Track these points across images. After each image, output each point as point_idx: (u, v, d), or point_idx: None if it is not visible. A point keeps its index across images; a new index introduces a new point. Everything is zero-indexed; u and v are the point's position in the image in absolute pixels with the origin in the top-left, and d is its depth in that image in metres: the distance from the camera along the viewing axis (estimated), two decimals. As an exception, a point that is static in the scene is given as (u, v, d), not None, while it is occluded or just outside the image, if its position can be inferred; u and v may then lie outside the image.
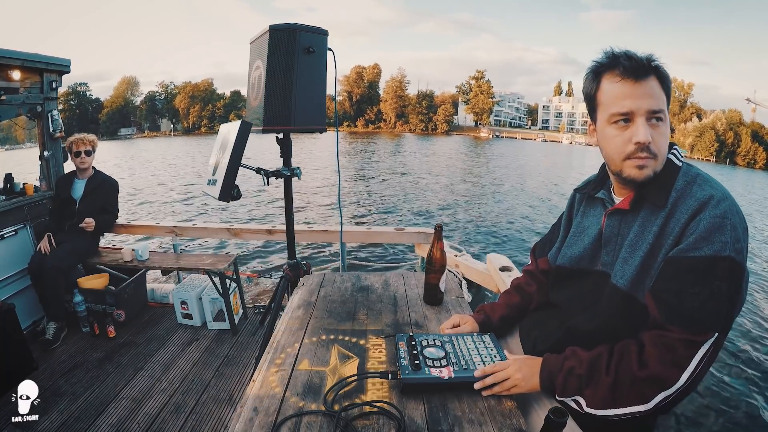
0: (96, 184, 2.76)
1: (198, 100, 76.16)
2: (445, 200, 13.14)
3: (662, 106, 0.81)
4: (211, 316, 2.70)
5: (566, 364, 0.84)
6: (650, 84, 0.80)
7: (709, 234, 0.73)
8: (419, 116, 75.09)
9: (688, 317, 0.73)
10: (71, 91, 68.87)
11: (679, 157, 0.86)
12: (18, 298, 2.55)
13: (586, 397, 0.80)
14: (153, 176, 18.92)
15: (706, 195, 0.76)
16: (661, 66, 0.81)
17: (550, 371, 0.86)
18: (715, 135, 51.61)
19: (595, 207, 1.00)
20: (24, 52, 2.58)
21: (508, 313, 1.16)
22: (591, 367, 0.81)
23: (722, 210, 0.74)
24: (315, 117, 1.65)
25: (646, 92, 0.80)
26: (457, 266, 2.20)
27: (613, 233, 0.91)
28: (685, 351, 0.73)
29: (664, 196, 0.81)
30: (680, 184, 0.81)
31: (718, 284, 0.72)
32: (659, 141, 0.81)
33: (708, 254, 0.73)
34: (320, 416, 0.81)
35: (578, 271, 0.98)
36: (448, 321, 1.15)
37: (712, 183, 0.80)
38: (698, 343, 0.73)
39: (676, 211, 0.79)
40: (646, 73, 0.80)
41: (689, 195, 0.79)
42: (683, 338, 0.73)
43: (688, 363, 0.73)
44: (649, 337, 0.77)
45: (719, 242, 0.72)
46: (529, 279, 1.20)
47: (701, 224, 0.74)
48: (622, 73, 0.81)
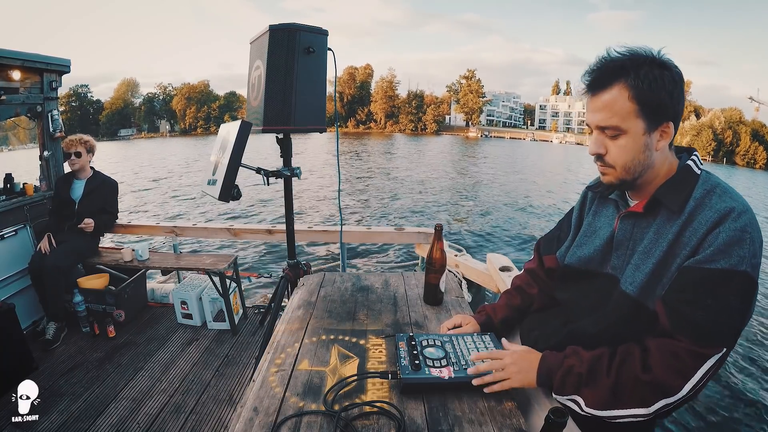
0: (95, 185, 2.76)
1: (194, 101, 76.54)
2: (439, 200, 13.19)
3: (615, 122, 0.78)
4: (211, 316, 2.70)
5: (566, 361, 0.84)
6: (606, 97, 0.79)
7: (728, 247, 0.72)
8: (409, 116, 75.24)
9: (698, 329, 0.72)
10: (72, 92, 69.17)
11: (698, 165, 0.84)
12: (18, 298, 2.55)
13: (585, 396, 0.80)
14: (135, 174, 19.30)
15: (727, 207, 0.74)
16: (643, 72, 0.76)
17: (549, 367, 0.85)
18: (712, 134, 51.36)
19: (607, 207, 0.98)
20: (24, 52, 2.58)
21: (510, 314, 1.15)
22: (592, 367, 0.80)
23: (743, 224, 0.73)
24: (315, 117, 1.65)
25: (597, 107, 0.81)
26: (457, 266, 2.20)
27: (625, 237, 0.89)
28: (692, 362, 0.72)
29: (682, 203, 0.79)
30: (699, 192, 0.79)
31: (731, 299, 0.71)
32: (615, 153, 0.82)
33: (724, 267, 0.71)
34: (320, 416, 0.81)
35: (586, 272, 0.96)
36: (450, 321, 1.15)
37: (732, 194, 0.78)
38: (705, 356, 0.72)
39: (693, 220, 0.77)
40: (603, 86, 0.79)
41: (708, 206, 0.76)
42: (691, 349, 0.72)
43: (693, 374, 0.72)
44: (655, 343, 0.76)
45: (737, 256, 0.71)
46: (531, 280, 1.17)
47: (720, 237, 0.72)
48: (585, 86, 0.83)
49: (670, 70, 0.77)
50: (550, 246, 1.14)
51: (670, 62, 0.78)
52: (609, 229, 0.93)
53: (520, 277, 1.22)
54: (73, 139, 2.66)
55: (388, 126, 76.91)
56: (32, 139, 3.07)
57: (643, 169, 0.82)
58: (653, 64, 0.77)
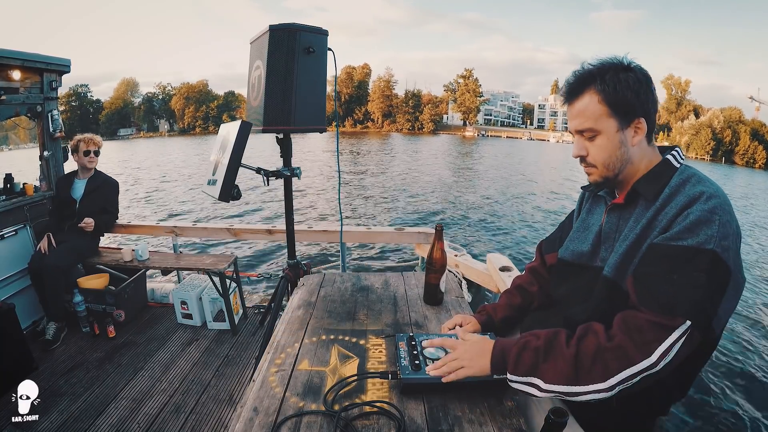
0: (96, 185, 2.76)
1: (193, 101, 76.61)
2: (439, 199, 13.20)
3: (589, 125, 0.87)
4: (211, 316, 2.70)
5: (521, 339, 0.83)
6: (580, 103, 0.87)
7: (695, 226, 0.74)
8: (406, 116, 75.27)
9: (660, 301, 0.74)
10: (72, 92, 69.17)
11: (678, 159, 0.89)
12: (18, 298, 2.55)
13: (543, 373, 0.78)
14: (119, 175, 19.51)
15: (698, 191, 0.78)
16: (608, 76, 0.83)
17: (504, 348, 0.84)
18: (711, 133, 51.30)
19: (599, 204, 1.03)
20: (24, 52, 2.58)
21: (511, 314, 1.16)
22: (549, 341, 0.80)
23: (712, 205, 0.75)
24: (315, 117, 1.65)
25: (573, 114, 0.90)
26: (457, 266, 2.20)
27: (611, 229, 0.93)
28: (654, 333, 0.73)
29: (657, 191, 0.84)
30: (675, 182, 0.83)
31: (696, 275, 0.73)
32: (594, 153, 0.89)
33: (691, 245, 0.74)
34: (320, 416, 0.81)
35: (579, 266, 0.99)
36: (450, 321, 1.15)
37: (705, 182, 0.82)
38: (667, 328, 0.72)
39: (666, 205, 0.81)
40: (576, 94, 0.88)
41: (681, 192, 0.81)
42: (652, 320, 0.73)
43: (655, 347, 0.72)
44: (619, 316, 0.78)
45: (704, 235, 0.73)
46: (532, 278, 1.19)
47: (689, 217, 0.76)
48: (563, 98, 0.92)
49: (633, 71, 0.84)
50: (552, 245, 1.16)
51: (634, 65, 0.85)
52: (599, 223, 0.98)
53: (521, 277, 1.23)
54: (89, 138, 2.73)
55: (386, 125, 76.96)
56: (32, 139, 3.07)
57: (622, 164, 0.88)
58: (618, 68, 0.84)
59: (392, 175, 18.88)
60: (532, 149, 45.47)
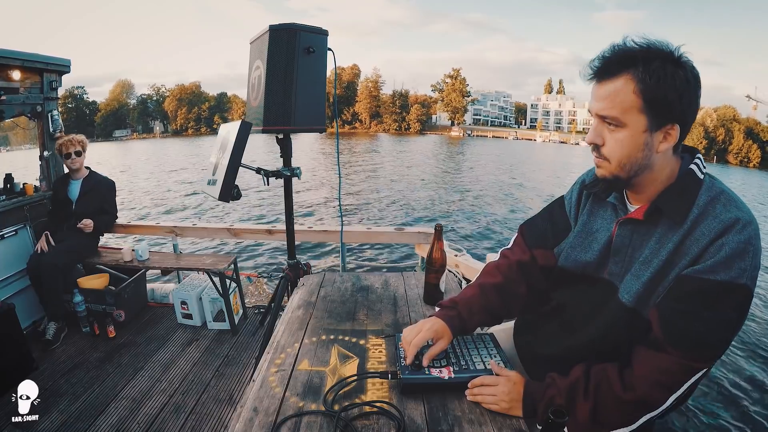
0: (91, 185, 2.75)
1: (185, 102, 76.88)
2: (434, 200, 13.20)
3: (615, 113, 0.74)
4: (211, 316, 2.70)
5: (548, 392, 0.82)
6: (612, 86, 0.74)
7: (730, 260, 0.69)
8: (393, 116, 75.34)
9: (691, 341, 0.71)
10: (68, 94, 69.24)
11: (701, 169, 0.80)
12: (18, 298, 2.55)
13: (568, 424, 0.78)
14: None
15: (732, 218, 0.71)
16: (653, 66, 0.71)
17: (533, 398, 0.83)
18: (703, 131, 50.88)
19: (605, 210, 0.92)
20: (24, 52, 2.58)
21: (486, 319, 1.03)
22: (569, 395, 0.79)
23: (747, 236, 0.70)
24: (315, 117, 1.65)
25: (601, 95, 0.76)
26: (457, 266, 2.20)
27: (624, 243, 0.85)
28: (680, 376, 0.72)
29: (684, 211, 0.75)
30: (702, 200, 0.75)
31: (729, 312, 0.70)
32: (611, 145, 0.78)
33: (724, 280, 0.69)
34: (320, 416, 0.81)
35: (582, 276, 0.93)
36: (413, 345, 0.91)
37: (737, 203, 0.74)
38: (694, 369, 0.71)
39: (695, 229, 0.73)
40: (609, 74, 0.75)
41: (713, 215, 0.73)
42: (681, 362, 0.71)
43: (678, 387, 0.72)
44: (640, 358, 0.75)
45: (738, 269, 0.69)
46: (520, 276, 1.04)
47: (724, 249, 0.70)
48: (592, 72, 0.78)
49: (684, 68, 0.71)
50: (542, 240, 1.05)
51: (687, 61, 0.72)
52: (607, 234, 0.89)
53: (502, 270, 1.06)
54: (68, 139, 2.66)
55: (373, 126, 77.05)
56: (31, 139, 3.07)
57: (639, 168, 0.78)
58: (667, 59, 0.71)
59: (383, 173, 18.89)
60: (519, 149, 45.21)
